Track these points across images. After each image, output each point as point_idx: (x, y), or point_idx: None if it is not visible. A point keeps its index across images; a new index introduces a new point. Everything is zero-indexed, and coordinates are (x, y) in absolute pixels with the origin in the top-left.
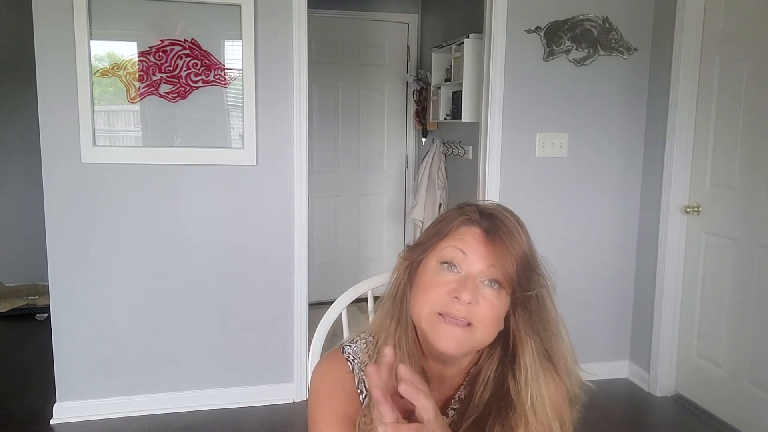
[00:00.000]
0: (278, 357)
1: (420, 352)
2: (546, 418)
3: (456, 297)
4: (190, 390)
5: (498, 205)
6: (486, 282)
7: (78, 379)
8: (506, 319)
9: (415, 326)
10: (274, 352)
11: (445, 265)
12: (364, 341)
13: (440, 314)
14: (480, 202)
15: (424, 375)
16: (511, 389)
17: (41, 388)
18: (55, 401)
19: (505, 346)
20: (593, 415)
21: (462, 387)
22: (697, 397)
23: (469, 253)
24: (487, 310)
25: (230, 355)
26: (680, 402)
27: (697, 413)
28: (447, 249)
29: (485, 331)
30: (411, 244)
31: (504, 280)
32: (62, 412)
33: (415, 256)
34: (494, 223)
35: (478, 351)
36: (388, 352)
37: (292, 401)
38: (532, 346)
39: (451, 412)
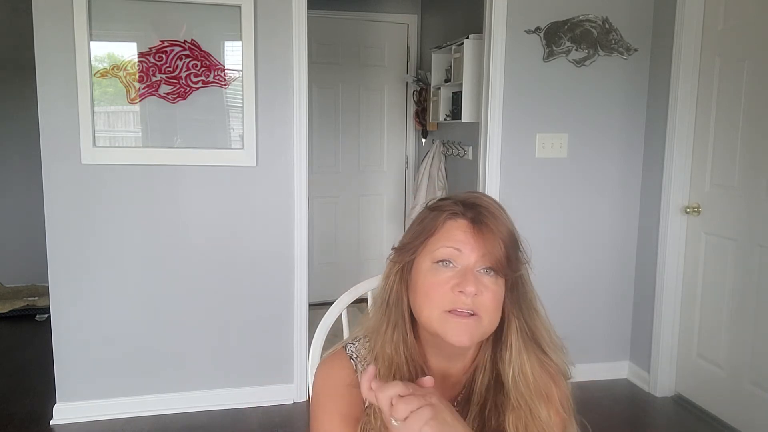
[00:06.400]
0: (278, 358)
1: (420, 354)
2: (529, 394)
3: (461, 291)
4: (191, 391)
5: (471, 192)
6: (482, 270)
7: (78, 380)
8: None
9: (413, 329)
10: (274, 352)
11: (440, 263)
12: (368, 340)
13: (448, 311)
14: (453, 195)
15: (425, 374)
16: (499, 370)
17: (41, 389)
18: (55, 402)
19: (497, 329)
20: (593, 416)
21: (467, 380)
22: (697, 397)
23: (462, 248)
24: (489, 299)
25: (230, 355)
26: (680, 402)
27: (697, 413)
28: (440, 249)
29: (490, 319)
30: (396, 246)
31: (497, 265)
32: (62, 413)
33: (405, 258)
34: (479, 212)
35: (479, 342)
36: (370, 369)
37: (292, 402)
38: (516, 326)
39: (454, 404)
